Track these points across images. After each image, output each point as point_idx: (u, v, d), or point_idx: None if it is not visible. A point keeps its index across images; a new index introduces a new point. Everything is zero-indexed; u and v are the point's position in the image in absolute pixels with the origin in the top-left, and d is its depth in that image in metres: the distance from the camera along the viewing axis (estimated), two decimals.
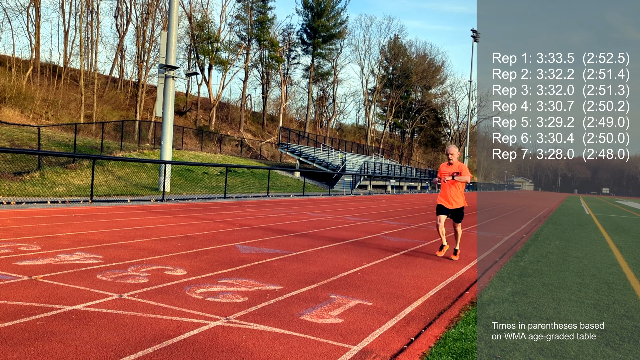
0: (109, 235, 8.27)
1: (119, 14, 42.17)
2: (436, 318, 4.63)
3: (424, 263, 7.55)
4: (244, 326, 4.02)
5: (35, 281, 5.04)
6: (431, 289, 5.80)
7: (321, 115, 70.48)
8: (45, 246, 6.96)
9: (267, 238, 9.11)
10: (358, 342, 3.84)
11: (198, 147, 38.55)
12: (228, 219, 11.98)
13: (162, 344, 3.54)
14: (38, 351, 3.29)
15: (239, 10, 51.04)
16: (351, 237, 10.02)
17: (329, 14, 59.09)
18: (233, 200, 19.36)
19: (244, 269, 6.26)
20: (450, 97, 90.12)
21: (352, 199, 26.87)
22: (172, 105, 20.65)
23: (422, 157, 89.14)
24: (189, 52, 46.94)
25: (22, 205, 12.27)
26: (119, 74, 43.24)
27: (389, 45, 73.09)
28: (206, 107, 50.95)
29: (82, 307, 4.27)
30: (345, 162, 40.86)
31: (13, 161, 18.53)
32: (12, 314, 3.98)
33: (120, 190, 18.41)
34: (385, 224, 13.40)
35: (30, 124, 28.23)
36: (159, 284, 5.19)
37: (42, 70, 36.15)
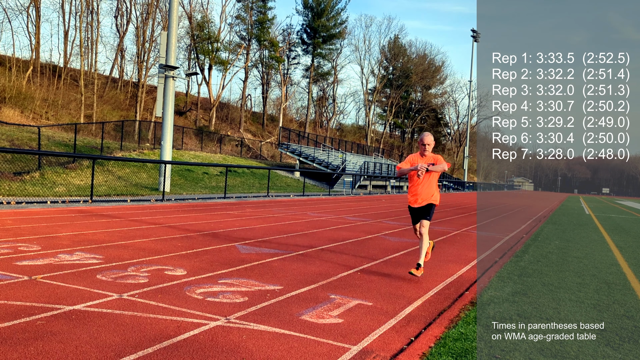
0: (109, 235, 8.27)
1: (119, 14, 42.17)
2: (436, 318, 4.63)
3: (424, 263, 7.55)
4: (244, 326, 4.02)
5: (35, 281, 5.04)
6: (431, 289, 5.80)
7: (321, 115, 70.48)
8: (45, 246, 6.97)
9: (267, 238, 9.11)
10: (358, 342, 3.84)
11: (198, 147, 38.55)
12: (228, 219, 11.98)
13: (162, 344, 3.54)
14: (38, 351, 3.28)
15: (239, 10, 51.06)
16: (351, 237, 10.01)
17: (329, 14, 59.08)
18: (233, 200, 19.36)
19: (244, 269, 6.26)
20: (450, 97, 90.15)
21: (352, 199, 26.87)
22: (172, 105, 20.65)
23: None
24: (189, 52, 46.94)
25: (22, 205, 12.27)
26: (119, 74, 43.24)
27: (389, 45, 73.10)
28: (206, 107, 50.95)
29: (82, 307, 4.27)
30: (345, 162, 40.86)
31: (13, 161, 18.54)
32: (12, 314, 3.98)
33: (120, 190, 18.42)
34: (385, 224, 13.40)
35: (30, 124, 28.23)
36: (159, 284, 5.19)
37: (42, 70, 36.14)
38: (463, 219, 16.64)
